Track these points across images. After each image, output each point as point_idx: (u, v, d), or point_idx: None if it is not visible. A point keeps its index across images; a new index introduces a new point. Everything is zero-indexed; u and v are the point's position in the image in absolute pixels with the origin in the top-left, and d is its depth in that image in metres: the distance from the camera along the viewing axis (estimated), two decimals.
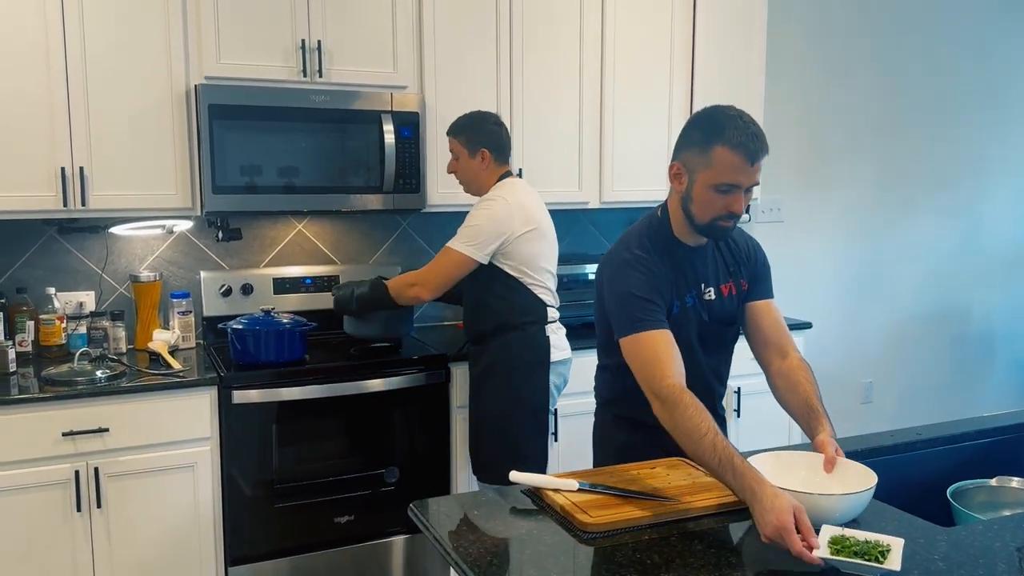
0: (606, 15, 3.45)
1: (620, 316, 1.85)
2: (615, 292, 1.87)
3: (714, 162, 1.76)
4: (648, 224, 1.95)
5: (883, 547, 1.37)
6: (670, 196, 1.92)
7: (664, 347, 1.79)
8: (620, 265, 1.88)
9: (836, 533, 1.41)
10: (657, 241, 1.91)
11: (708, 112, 1.83)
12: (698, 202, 1.82)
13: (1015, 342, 5.14)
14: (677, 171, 1.85)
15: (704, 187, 1.79)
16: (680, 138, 1.87)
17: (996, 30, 4.84)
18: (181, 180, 2.90)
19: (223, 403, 2.73)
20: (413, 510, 1.66)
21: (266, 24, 2.93)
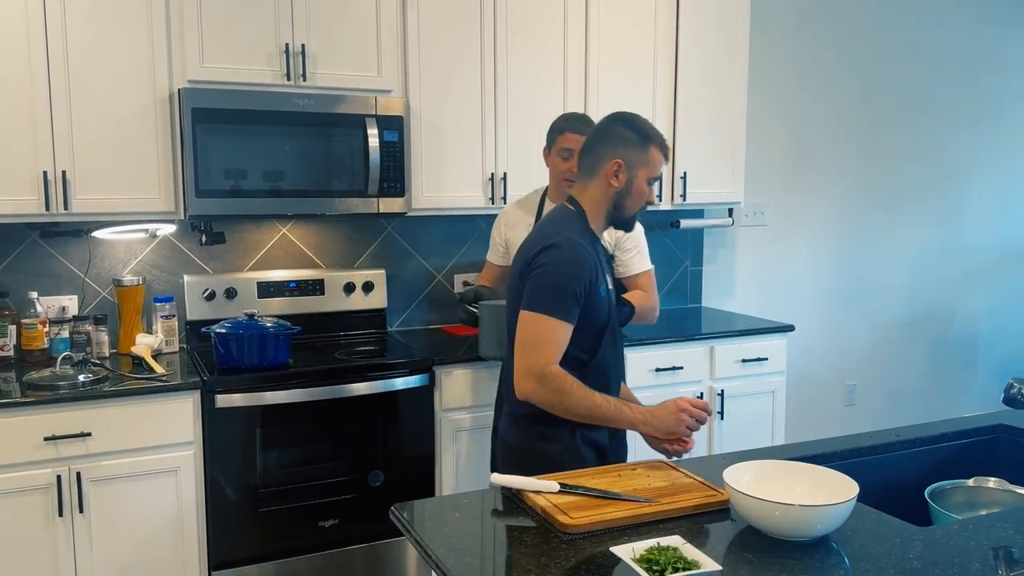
0: (590, 19, 3.46)
1: (544, 295, 1.96)
2: (553, 273, 1.96)
3: (651, 160, 2.05)
4: (573, 217, 2.08)
5: (688, 562, 1.35)
6: (587, 191, 2.09)
7: (564, 339, 1.96)
8: (571, 256, 1.97)
9: (667, 544, 1.40)
10: (585, 234, 2.06)
11: (630, 117, 2.10)
12: (636, 196, 2.06)
13: (997, 345, 5.18)
14: (617, 169, 2.03)
15: (642, 182, 2.05)
16: (608, 140, 2.06)
17: (978, 36, 4.88)
18: (164, 184, 2.90)
19: (206, 407, 2.72)
20: (395, 512, 1.66)
21: (250, 28, 2.93)
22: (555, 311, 1.94)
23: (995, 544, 1.48)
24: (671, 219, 4.05)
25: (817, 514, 1.46)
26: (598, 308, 2.02)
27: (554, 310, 1.94)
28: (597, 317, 2.02)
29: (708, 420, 2.05)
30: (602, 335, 2.06)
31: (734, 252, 4.37)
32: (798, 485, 1.60)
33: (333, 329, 3.37)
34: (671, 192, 3.72)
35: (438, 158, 3.26)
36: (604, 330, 2.06)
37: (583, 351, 2.03)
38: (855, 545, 1.48)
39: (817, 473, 1.63)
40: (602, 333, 2.06)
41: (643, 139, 2.05)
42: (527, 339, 1.96)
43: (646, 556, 1.37)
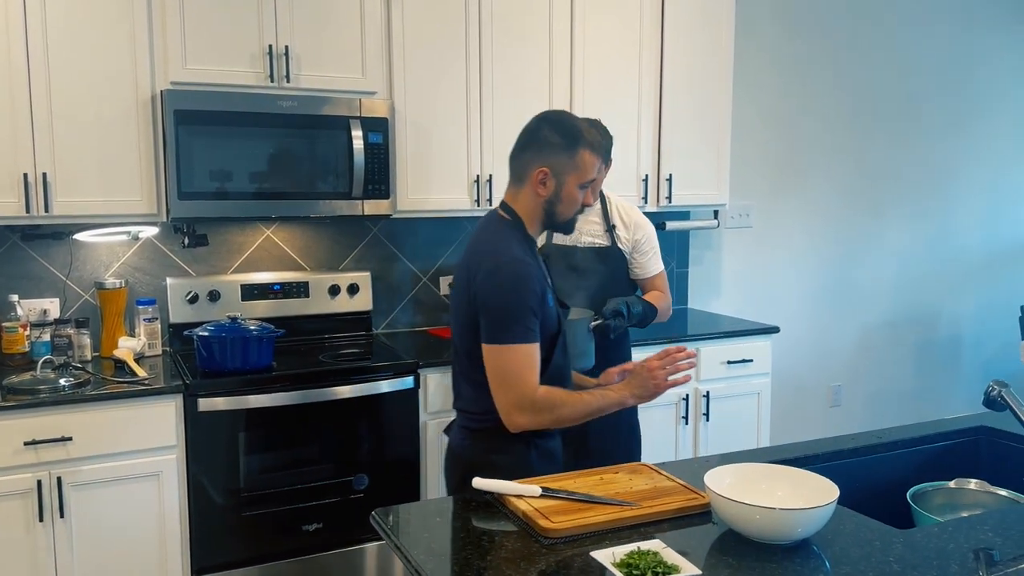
0: (575, 20, 3.46)
1: (504, 325, 1.88)
2: (505, 299, 1.89)
3: (580, 164, 1.96)
4: (510, 227, 2.01)
5: (668, 566, 1.35)
6: (519, 198, 2.01)
7: (536, 358, 1.92)
8: (517, 274, 1.91)
9: (647, 548, 1.40)
10: (525, 243, 2.00)
11: (558, 118, 2.02)
12: (567, 201, 1.99)
13: (981, 347, 5.21)
14: (543, 177, 1.96)
15: (573, 187, 1.98)
16: (534, 146, 1.98)
17: (963, 41, 4.91)
18: (146, 186, 2.88)
19: (189, 411, 2.70)
20: (375, 517, 1.65)
21: (233, 29, 2.91)
22: (520, 336, 1.88)
23: (975, 546, 1.49)
24: (657, 221, 4.04)
25: (797, 517, 1.46)
26: (548, 318, 1.98)
27: (519, 336, 1.88)
28: (548, 327, 1.98)
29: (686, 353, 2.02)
30: (554, 343, 2.01)
31: (720, 254, 4.38)
32: (779, 488, 1.60)
33: (318, 332, 3.36)
34: (656, 194, 3.73)
35: (423, 160, 3.25)
36: (556, 338, 2.01)
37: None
38: (835, 548, 1.48)
39: (798, 476, 1.63)
40: (554, 341, 2.01)
41: (570, 143, 1.96)
42: (504, 374, 1.90)
43: (626, 560, 1.37)
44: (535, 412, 1.90)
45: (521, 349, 1.89)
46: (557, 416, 1.93)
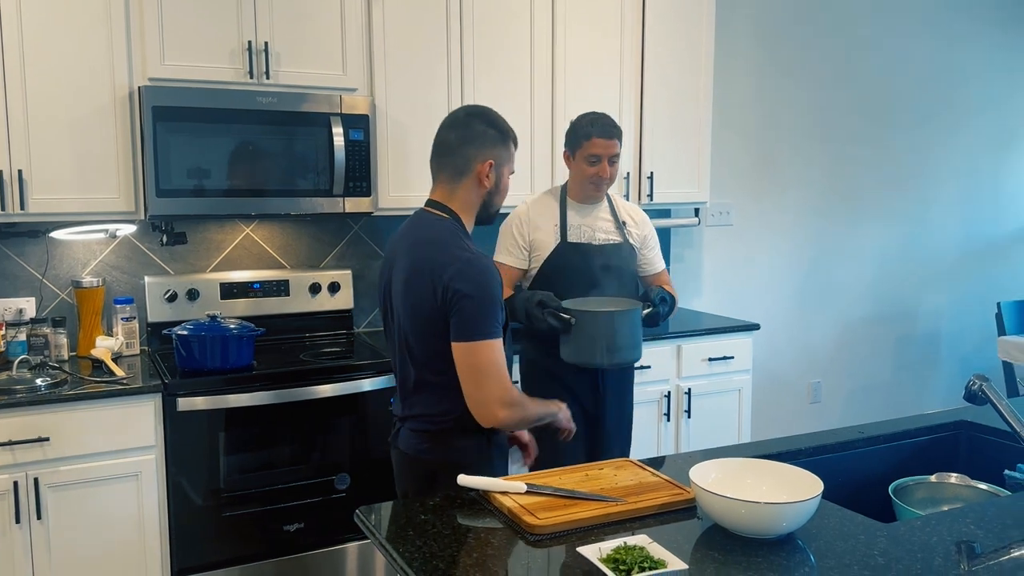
0: (556, 18, 3.46)
1: (480, 321, 1.89)
2: (481, 296, 1.89)
3: (512, 155, 2.11)
4: (452, 225, 2.01)
5: (654, 561, 1.35)
6: (457, 193, 2.03)
7: (503, 354, 1.96)
8: (487, 270, 1.93)
9: (633, 544, 1.40)
10: (469, 239, 2.03)
11: (483, 112, 2.09)
12: (503, 192, 2.10)
13: (959, 342, 5.26)
14: (490, 169, 2.03)
15: (506, 177, 2.10)
16: (475, 140, 2.02)
17: (939, 44, 4.96)
18: (124, 183, 2.84)
19: (168, 411, 2.67)
20: (359, 516, 1.64)
21: (211, 25, 2.88)
22: (496, 332, 1.91)
23: (957, 539, 1.50)
24: None
25: (782, 511, 1.46)
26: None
27: (495, 331, 1.91)
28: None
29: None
30: (504, 336, 2.00)
31: (700, 252, 4.39)
32: (764, 483, 1.61)
33: (298, 330, 3.34)
34: (638, 192, 3.73)
35: (405, 157, 3.23)
36: (505, 330, 2.01)
37: None
38: (820, 542, 1.49)
39: (782, 471, 1.63)
40: (504, 334, 2.00)
41: (504, 136, 2.06)
42: (486, 368, 1.89)
43: (613, 556, 1.36)
44: (513, 407, 1.94)
45: (497, 344, 1.91)
46: (524, 414, 1.99)
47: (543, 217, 2.79)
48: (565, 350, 2.51)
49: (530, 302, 2.50)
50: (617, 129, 2.74)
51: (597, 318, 2.44)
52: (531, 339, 2.80)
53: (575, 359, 2.50)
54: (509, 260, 2.77)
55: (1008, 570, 1.38)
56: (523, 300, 2.52)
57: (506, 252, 2.78)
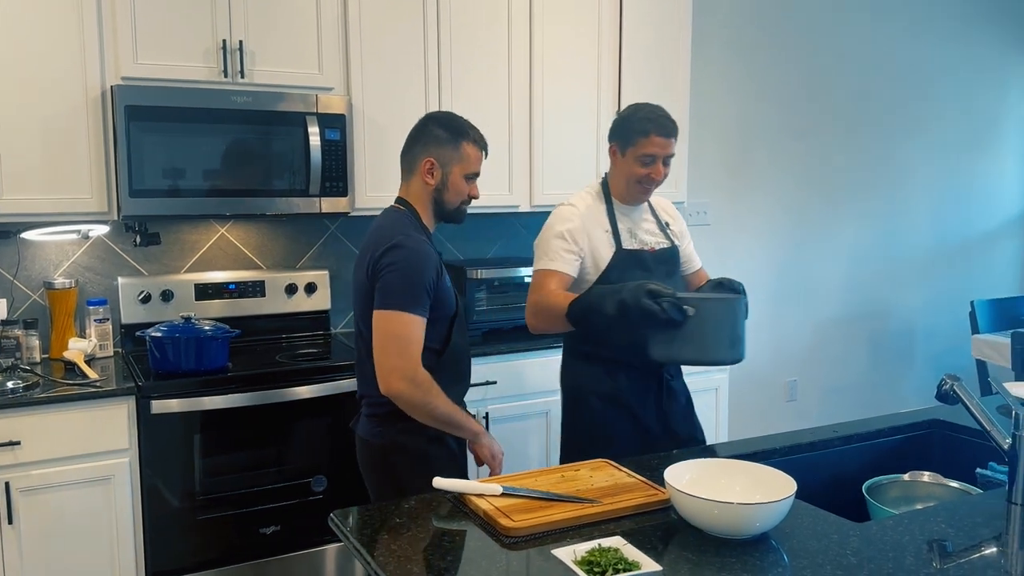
0: (534, 16, 3.45)
1: (397, 293, 2.01)
2: (402, 270, 2.02)
3: (464, 156, 2.16)
4: (406, 217, 2.17)
5: (628, 563, 1.36)
6: (410, 190, 2.20)
7: (421, 334, 2.04)
8: (418, 251, 2.05)
9: (608, 545, 1.41)
10: (421, 231, 2.15)
11: (444, 116, 2.21)
12: (453, 191, 2.17)
13: (933, 341, 5.31)
14: (431, 167, 2.14)
15: (458, 178, 2.16)
16: (422, 140, 2.17)
17: (914, 43, 5.00)
18: (97, 183, 2.81)
19: (142, 413, 2.65)
20: (334, 519, 1.63)
21: (185, 24, 2.85)
22: (410, 307, 2.01)
23: (929, 538, 1.51)
24: None
25: (756, 512, 1.47)
26: (446, 299, 2.12)
27: (409, 306, 2.01)
28: (447, 307, 2.13)
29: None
30: (452, 324, 2.15)
31: None
32: (738, 483, 1.61)
33: (275, 331, 3.31)
34: None
35: (382, 157, 3.22)
36: (454, 319, 2.16)
37: (436, 341, 2.12)
38: (793, 542, 1.50)
39: (756, 471, 1.64)
40: (452, 322, 2.15)
41: (454, 136, 2.15)
42: (389, 338, 2.01)
43: (587, 558, 1.36)
44: (413, 385, 2.00)
45: (408, 319, 2.01)
46: (428, 401, 2.03)
47: (594, 222, 2.43)
48: (670, 348, 2.13)
49: (639, 292, 2.10)
50: (675, 126, 2.44)
51: (722, 307, 2.13)
52: (581, 361, 2.47)
53: (690, 356, 2.15)
54: (564, 267, 2.38)
55: (978, 568, 1.39)
56: (631, 293, 2.10)
57: (560, 259, 2.37)
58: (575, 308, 2.20)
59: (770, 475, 1.60)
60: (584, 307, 2.18)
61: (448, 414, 2.07)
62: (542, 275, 2.37)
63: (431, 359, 2.09)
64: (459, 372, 2.23)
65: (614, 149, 2.47)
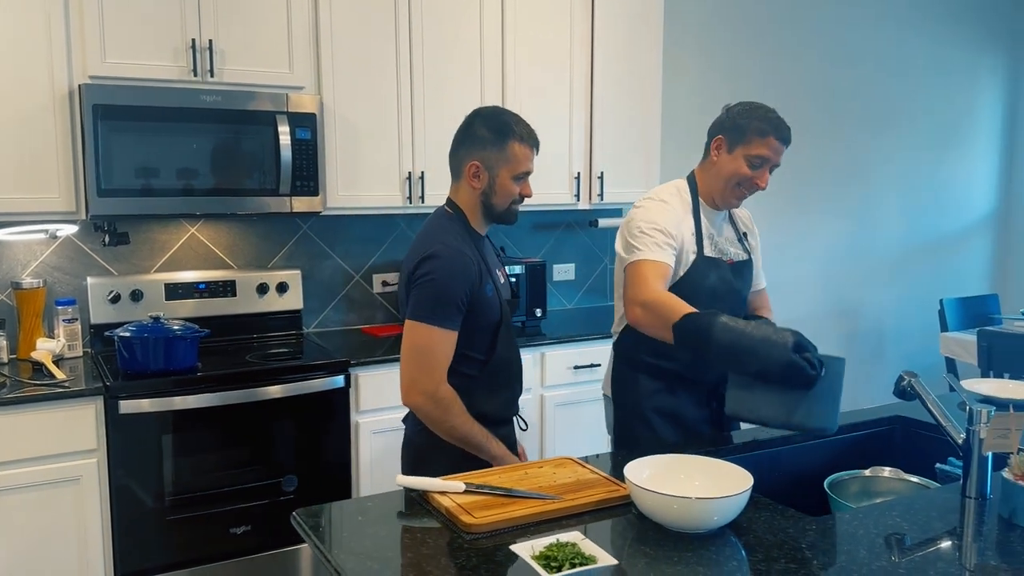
0: (506, 15, 3.47)
1: (427, 305, 1.97)
2: (435, 283, 1.97)
3: (511, 156, 2.05)
4: (452, 221, 2.09)
5: (585, 557, 1.36)
6: (458, 194, 2.11)
7: (450, 348, 2.00)
8: (452, 263, 1.98)
9: (566, 540, 1.41)
10: (466, 235, 2.08)
11: (489, 114, 2.10)
12: (501, 193, 2.07)
13: (903, 338, 5.37)
14: (476, 171, 2.06)
15: (506, 179, 2.06)
16: (467, 142, 2.08)
17: (884, 42, 5.05)
18: (64, 183, 2.79)
19: (110, 414, 2.63)
20: (296, 518, 1.63)
21: (154, 23, 2.84)
22: (439, 320, 1.97)
23: (883, 532, 1.53)
24: (589, 218, 4.08)
25: (713, 506, 1.48)
26: (487, 307, 2.05)
27: (438, 319, 1.97)
28: (488, 316, 2.05)
29: None
30: (496, 333, 2.08)
31: None
32: (696, 479, 1.63)
33: (246, 331, 3.30)
34: (589, 192, 3.76)
35: (353, 156, 3.22)
36: (498, 328, 2.08)
37: (480, 351, 2.07)
38: (750, 536, 1.51)
39: (715, 466, 1.66)
40: (496, 330, 2.08)
41: (500, 136, 2.05)
42: (414, 350, 1.99)
43: (545, 553, 1.38)
44: (432, 401, 1.98)
45: (436, 333, 1.97)
46: (447, 419, 1.99)
47: (683, 220, 2.23)
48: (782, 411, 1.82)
49: (777, 347, 1.80)
50: (791, 136, 2.27)
51: (840, 367, 1.86)
52: (641, 374, 2.29)
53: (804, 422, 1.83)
54: (665, 257, 2.13)
55: (929, 561, 1.42)
56: (782, 348, 1.80)
57: (659, 250, 2.13)
58: (688, 325, 1.91)
59: (728, 470, 1.62)
60: (699, 329, 1.88)
61: (466, 435, 2.00)
62: (644, 266, 2.09)
63: (474, 369, 2.06)
64: (505, 381, 2.15)
65: (719, 144, 2.26)
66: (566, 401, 3.42)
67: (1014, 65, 5.61)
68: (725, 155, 2.25)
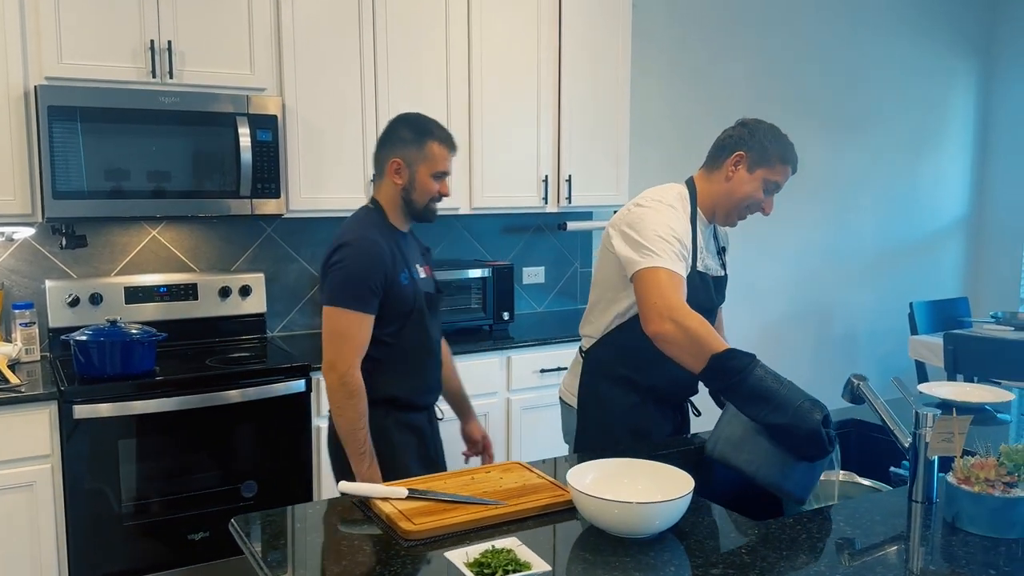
0: (472, 18, 3.45)
1: (341, 289, 2.10)
2: (348, 268, 2.10)
3: (430, 155, 2.21)
4: (372, 214, 2.24)
5: (519, 564, 1.35)
6: (380, 190, 2.27)
7: (366, 331, 2.12)
8: (365, 250, 2.12)
9: (501, 547, 1.40)
10: (385, 229, 2.22)
11: (411, 118, 2.26)
12: (421, 190, 2.22)
13: (875, 342, 5.38)
14: (398, 167, 2.21)
15: (425, 177, 2.21)
16: (389, 142, 2.24)
17: (858, 44, 5.07)
18: (20, 185, 2.76)
19: (64, 418, 2.60)
20: (234, 525, 1.61)
21: (112, 23, 2.81)
22: (353, 303, 2.10)
23: (825, 536, 1.52)
24: (558, 221, 4.07)
25: (654, 511, 1.47)
26: (400, 294, 2.17)
27: (351, 303, 2.10)
28: (400, 303, 2.18)
29: None
30: (407, 320, 2.20)
31: None
32: (639, 483, 1.62)
33: (208, 335, 3.27)
34: (557, 195, 3.74)
35: (317, 159, 3.19)
36: (409, 315, 2.20)
37: (389, 336, 2.19)
38: (691, 540, 1.50)
39: (658, 470, 1.64)
40: (407, 318, 2.20)
41: (420, 136, 2.21)
42: (330, 334, 2.13)
43: (479, 560, 1.36)
44: (340, 382, 2.10)
45: (351, 316, 2.10)
46: (347, 407, 2.11)
47: (687, 225, 2.15)
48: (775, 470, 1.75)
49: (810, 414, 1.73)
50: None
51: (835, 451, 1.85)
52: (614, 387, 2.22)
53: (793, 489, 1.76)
54: (682, 270, 2.02)
55: (869, 566, 1.41)
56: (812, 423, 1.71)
57: (677, 259, 2.02)
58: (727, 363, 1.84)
59: (671, 474, 1.61)
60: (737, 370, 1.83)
61: (353, 432, 2.12)
62: (669, 277, 1.96)
63: (382, 352, 2.18)
64: (415, 368, 2.26)
65: (739, 160, 2.19)
66: (532, 405, 3.40)
67: (986, 69, 5.64)
68: (744, 173, 2.18)
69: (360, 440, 2.13)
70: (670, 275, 1.96)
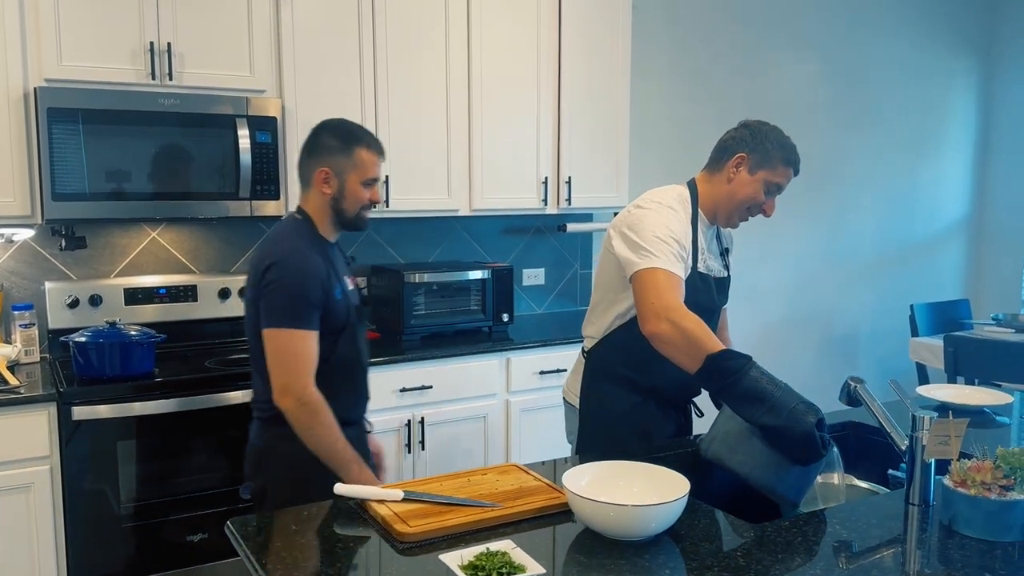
0: (472, 20, 3.45)
1: (283, 310, 2.00)
2: (286, 286, 2.00)
3: (358, 162, 2.12)
4: (300, 225, 2.14)
5: (514, 566, 1.35)
6: (308, 201, 2.16)
7: (314, 349, 2.03)
8: (300, 268, 2.03)
9: (496, 549, 1.41)
10: (315, 240, 2.13)
11: (335, 124, 2.17)
12: (351, 198, 2.13)
13: (876, 344, 5.38)
14: (326, 177, 2.12)
15: (355, 184, 2.12)
16: (315, 151, 2.14)
17: (857, 44, 5.07)
18: (20, 187, 2.76)
19: (63, 420, 2.60)
20: (229, 527, 1.61)
21: (111, 25, 2.82)
22: (297, 322, 2.01)
23: (821, 539, 1.52)
24: (558, 223, 4.07)
25: (649, 513, 1.47)
26: (334, 311, 2.09)
27: (297, 321, 2.01)
28: (333, 319, 2.09)
29: None
30: (340, 334, 2.12)
31: None
32: (635, 485, 1.62)
33: (207, 336, 3.27)
34: (557, 196, 3.74)
35: None
36: (343, 331, 2.13)
37: (322, 352, 2.09)
38: (687, 543, 1.50)
39: (654, 473, 1.64)
40: (341, 332, 2.12)
41: (347, 143, 2.12)
42: (278, 355, 2.02)
43: (473, 562, 1.36)
44: (299, 404, 2.01)
45: (298, 335, 2.01)
46: (314, 425, 2.02)
47: (687, 232, 2.15)
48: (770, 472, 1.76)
49: (811, 415, 1.75)
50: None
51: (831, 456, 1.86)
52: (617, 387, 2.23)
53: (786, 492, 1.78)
54: (680, 271, 2.03)
55: (864, 569, 1.40)
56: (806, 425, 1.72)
57: (676, 261, 2.03)
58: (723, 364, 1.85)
59: (667, 476, 1.61)
60: (732, 371, 1.83)
61: (330, 446, 2.03)
62: (666, 277, 1.97)
63: (319, 368, 2.08)
64: (348, 383, 2.19)
65: (741, 161, 2.19)
66: (532, 406, 3.40)
67: (987, 70, 5.64)
68: (745, 174, 2.19)
69: (340, 451, 2.04)
70: (668, 276, 1.98)
